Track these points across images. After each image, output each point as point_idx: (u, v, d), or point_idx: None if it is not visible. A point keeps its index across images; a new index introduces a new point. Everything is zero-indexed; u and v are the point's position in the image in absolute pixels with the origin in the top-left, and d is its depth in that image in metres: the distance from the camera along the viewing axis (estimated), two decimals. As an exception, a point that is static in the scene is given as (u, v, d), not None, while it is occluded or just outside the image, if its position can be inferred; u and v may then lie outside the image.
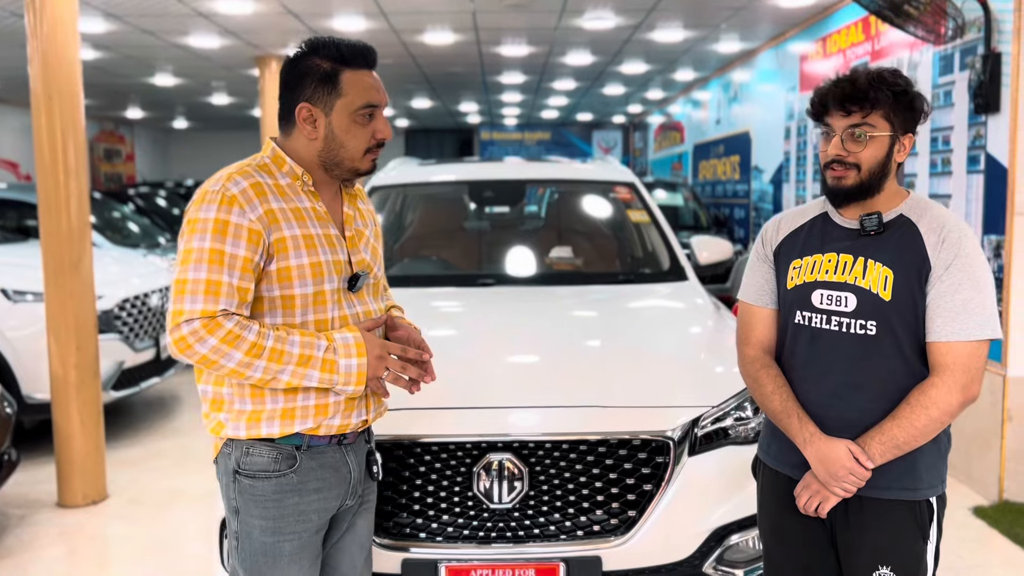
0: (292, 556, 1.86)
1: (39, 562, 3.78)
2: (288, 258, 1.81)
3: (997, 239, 4.40)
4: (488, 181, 4.51)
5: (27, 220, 8.01)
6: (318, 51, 1.85)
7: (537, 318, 3.19)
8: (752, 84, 9.35)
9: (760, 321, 2.07)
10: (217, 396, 1.85)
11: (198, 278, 1.72)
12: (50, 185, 4.27)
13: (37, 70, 4.22)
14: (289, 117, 1.88)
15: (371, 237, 2.06)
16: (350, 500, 1.97)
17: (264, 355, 1.73)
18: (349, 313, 1.91)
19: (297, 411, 1.84)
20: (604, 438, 2.48)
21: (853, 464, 1.84)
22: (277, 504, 1.85)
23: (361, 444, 2.00)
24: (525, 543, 2.45)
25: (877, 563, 1.90)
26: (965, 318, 1.81)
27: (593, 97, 14.19)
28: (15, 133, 13.83)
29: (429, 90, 13.11)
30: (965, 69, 4.70)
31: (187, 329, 1.70)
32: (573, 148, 19.65)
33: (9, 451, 4.10)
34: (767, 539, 2.10)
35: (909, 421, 1.82)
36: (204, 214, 1.76)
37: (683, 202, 10.31)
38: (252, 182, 1.80)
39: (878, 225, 1.89)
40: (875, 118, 1.84)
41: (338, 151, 1.87)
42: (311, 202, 1.89)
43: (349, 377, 1.81)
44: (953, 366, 1.82)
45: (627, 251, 4.28)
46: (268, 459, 1.85)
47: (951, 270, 1.82)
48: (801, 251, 1.99)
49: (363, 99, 1.86)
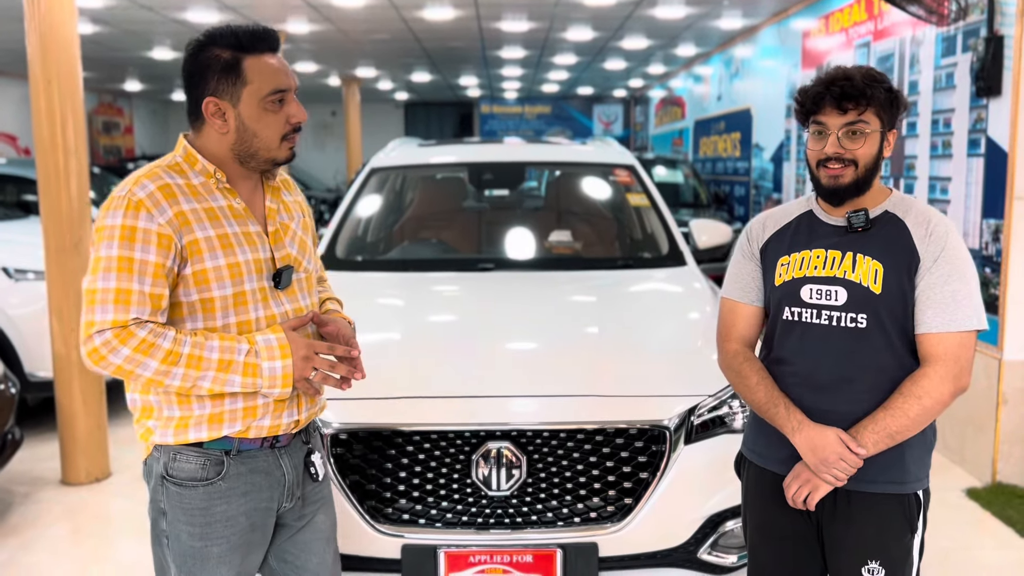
0: (221, 558, 1.83)
1: (44, 539, 3.83)
2: (203, 260, 1.75)
3: (996, 223, 4.40)
4: (488, 163, 4.51)
5: (26, 195, 8.01)
6: (216, 41, 1.77)
7: (536, 306, 3.21)
8: (754, 61, 9.30)
9: (743, 318, 2.10)
10: (146, 404, 1.81)
11: (107, 287, 1.66)
12: (50, 165, 4.27)
13: (36, 51, 4.20)
14: (197, 113, 1.80)
15: (298, 230, 1.97)
16: (287, 503, 1.92)
17: (181, 362, 1.68)
18: (277, 312, 1.85)
19: (225, 415, 1.79)
20: (601, 427, 2.51)
21: (843, 450, 1.84)
22: (204, 512, 1.81)
23: (298, 446, 1.94)
24: (523, 529, 2.49)
25: (866, 558, 1.92)
26: (955, 309, 1.85)
27: (594, 71, 14.10)
28: (13, 106, 13.75)
29: (429, 64, 13.04)
30: (968, 51, 4.68)
31: (99, 340, 1.65)
32: (574, 122, 19.57)
33: (13, 430, 4.14)
34: (753, 537, 2.12)
35: (902, 411, 1.84)
36: (111, 221, 1.70)
37: (683, 179, 10.29)
38: (160, 184, 1.74)
39: (865, 221, 1.92)
40: (869, 115, 1.87)
41: (252, 142, 1.80)
42: (227, 200, 1.82)
43: (274, 380, 1.76)
44: (945, 356, 1.85)
45: (626, 235, 4.29)
46: (196, 465, 1.80)
47: (939, 262, 1.86)
48: (788, 248, 2.01)
49: (270, 85, 1.78)
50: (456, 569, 2.47)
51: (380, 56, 12.12)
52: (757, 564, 2.12)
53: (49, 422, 5.34)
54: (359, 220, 4.19)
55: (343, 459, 2.53)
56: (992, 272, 4.42)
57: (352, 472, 2.53)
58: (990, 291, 4.41)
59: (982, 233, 4.53)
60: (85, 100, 4.45)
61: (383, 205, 4.44)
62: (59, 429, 4.47)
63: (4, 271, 5.18)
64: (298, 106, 1.84)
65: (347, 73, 14.23)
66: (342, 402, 2.58)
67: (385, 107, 20.52)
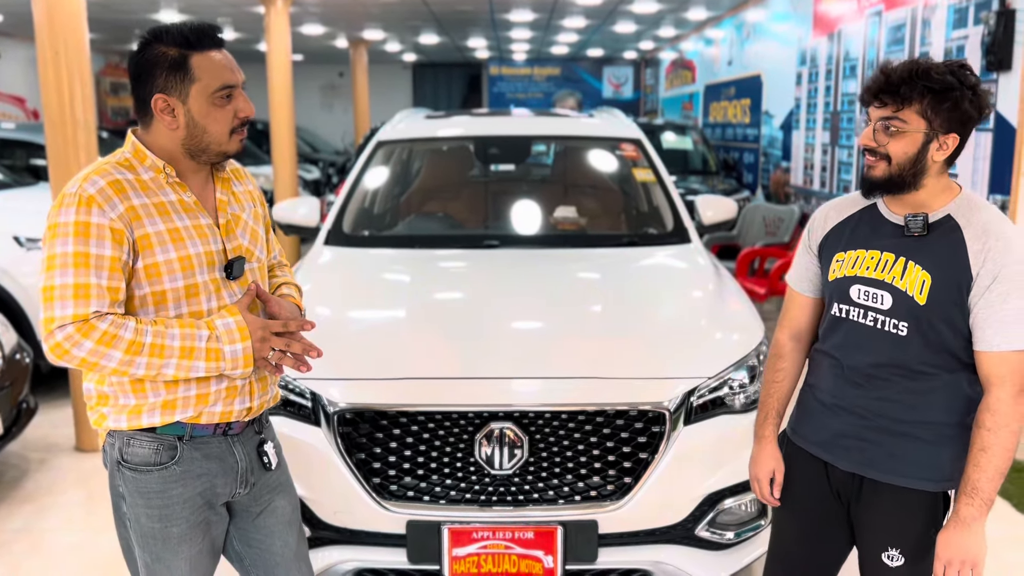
0: (181, 537, 1.89)
1: (58, 506, 3.93)
2: (154, 254, 1.77)
3: (1003, 199, 4.40)
4: (494, 137, 4.51)
5: (36, 160, 8.03)
6: (162, 38, 1.79)
7: (540, 285, 3.24)
8: (765, 26, 9.19)
9: (796, 306, 2.16)
10: (100, 393, 1.84)
11: (65, 283, 1.68)
12: (59, 138, 4.29)
13: (43, 22, 4.20)
14: (145, 109, 1.82)
15: (249, 220, 2.00)
16: (241, 489, 1.96)
17: (144, 351, 1.71)
18: (230, 303, 1.88)
19: (178, 401, 1.83)
20: (602, 409, 2.56)
21: (766, 484, 2.15)
22: (161, 495, 1.86)
23: (250, 435, 1.98)
24: (524, 507, 2.55)
25: (888, 544, 1.97)
26: (1017, 327, 1.80)
27: (604, 34, 13.95)
28: (21, 67, 13.72)
29: (437, 27, 12.92)
30: (979, 24, 4.63)
31: (61, 335, 1.67)
32: (583, 84, 19.39)
33: (28, 398, 4.23)
34: (780, 513, 2.18)
35: (1001, 446, 1.82)
36: (63, 218, 1.71)
37: (692, 145, 10.23)
38: (110, 180, 1.76)
39: (923, 227, 1.88)
40: (908, 114, 1.80)
41: (202, 137, 1.82)
42: (177, 194, 1.84)
43: (236, 362, 1.80)
44: (1011, 375, 1.83)
45: (631, 212, 4.30)
46: (149, 450, 1.84)
47: (999, 280, 1.80)
48: (846, 244, 2.00)
49: (218, 81, 1.80)
50: (459, 545, 2.54)
51: (388, 18, 12.02)
52: (781, 541, 2.19)
53: (62, 389, 5.43)
54: (365, 195, 4.21)
55: (350, 437, 2.58)
56: (997, 248, 4.41)
57: (358, 450, 2.59)
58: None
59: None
60: (92, 61, 4.45)
61: (389, 178, 4.46)
62: (72, 397, 4.55)
63: (15, 240, 5.23)
64: (246, 101, 1.87)
65: (355, 35, 14.11)
66: (348, 382, 2.64)
67: (393, 68, 20.36)
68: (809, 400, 2.09)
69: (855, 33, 6.57)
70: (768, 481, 2.15)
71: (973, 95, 1.79)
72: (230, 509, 2.01)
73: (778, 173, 8.77)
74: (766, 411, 2.17)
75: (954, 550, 1.85)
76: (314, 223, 4.05)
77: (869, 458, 1.96)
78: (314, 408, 2.61)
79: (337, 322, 2.95)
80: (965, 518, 1.84)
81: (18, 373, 4.11)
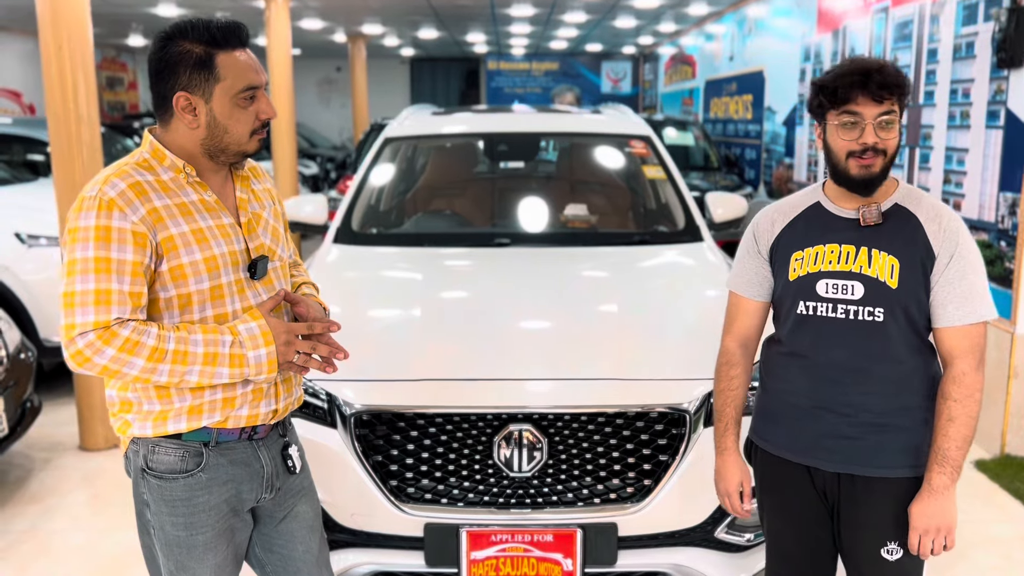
0: (207, 545, 1.86)
1: (63, 507, 3.89)
2: (179, 256, 1.74)
3: (1013, 196, 4.38)
4: (504, 134, 4.47)
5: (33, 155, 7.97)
6: (187, 35, 1.74)
7: (554, 285, 3.21)
8: (768, 21, 9.16)
9: (744, 313, 2.16)
10: (124, 400, 1.81)
11: (87, 289, 1.65)
12: (63, 134, 4.25)
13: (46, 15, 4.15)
14: (166, 107, 1.78)
15: (270, 218, 1.97)
16: (267, 494, 1.94)
17: (167, 358, 1.68)
18: (254, 303, 1.85)
19: (204, 406, 1.80)
20: (622, 410, 2.53)
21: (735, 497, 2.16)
22: (186, 503, 1.83)
23: (275, 439, 1.96)
24: (543, 509, 2.52)
25: (885, 539, 1.98)
26: (974, 301, 1.90)
27: (603, 29, 13.91)
28: (18, 61, 13.62)
29: (436, 21, 12.86)
30: (989, 20, 4.61)
31: (82, 343, 1.64)
32: (582, 79, 19.35)
33: (32, 397, 4.19)
34: (771, 519, 2.16)
35: (967, 414, 1.89)
36: (84, 222, 1.68)
37: (693, 141, 10.19)
38: (131, 182, 1.72)
39: (878, 216, 1.94)
40: (896, 107, 1.89)
41: (223, 137, 1.79)
42: (198, 194, 1.81)
43: (260, 368, 1.77)
44: (972, 348, 1.91)
45: (641, 210, 4.27)
46: (175, 458, 1.81)
47: (956, 258, 1.90)
48: (802, 243, 2.02)
49: (243, 82, 1.76)
50: (478, 548, 2.51)
51: (386, 13, 11.96)
52: (778, 546, 2.16)
53: (65, 387, 5.40)
54: (373, 192, 4.17)
55: (366, 439, 2.55)
56: (1008, 246, 4.40)
57: (375, 452, 2.56)
58: (1005, 265, 4.40)
59: (998, 206, 4.51)
60: (92, 57, 4.41)
61: (397, 175, 4.42)
62: (76, 395, 4.51)
63: (17, 237, 5.18)
64: (268, 102, 1.83)
65: (353, 30, 14.05)
66: (365, 383, 2.60)
67: (391, 63, 20.30)
68: (780, 406, 2.08)
69: (861, 29, 6.54)
70: (738, 494, 2.17)
71: None
72: (254, 515, 1.98)
73: (781, 169, 8.76)
74: (725, 421, 2.17)
75: (929, 518, 1.90)
76: (321, 220, 4.01)
77: (855, 455, 1.97)
78: (330, 410, 2.58)
79: (351, 322, 2.89)
80: (938, 487, 1.90)
81: (22, 372, 4.06)
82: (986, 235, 4.57)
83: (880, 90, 1.85)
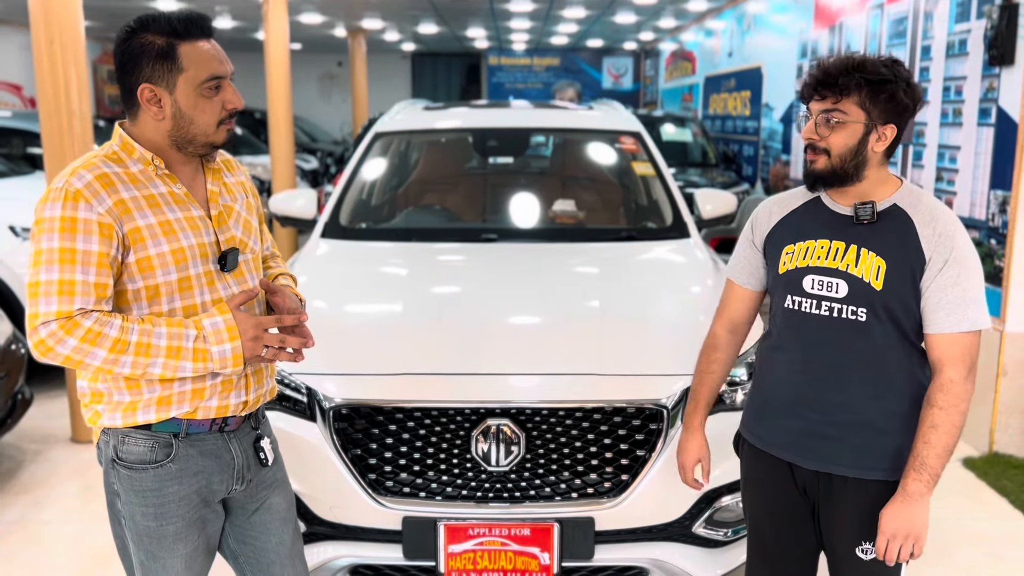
0: (177, 535, 1.87)
1: (54, 498, 3.91)
2: (146, 248, 1.75)
3: (1004, 194, 4.38)
4: (493, 129, 4.48)
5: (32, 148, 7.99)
6: (148, 27, 1.75)
7: (538, 281, 3.22)
8: (766, 18, 9.15)
9: (736, 299, 2.19)
10: (94, 390, 1.82)
11: (51, 279, 1.66)
12: (54, 128, 4.26)
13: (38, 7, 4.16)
14: (132, 99, 1.79)
15: (242, 211, 1.96)
16: (238, 485, 1.95)
17: (130, 350, 1.69)
18: (224, 295, 1.86)
19: (173, 397, 1.81)
20: (599, 406, 2.54)
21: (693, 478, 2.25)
22: (156, 493, 1.84)
23: (247, 431, 1.97)
24: (521, 503, 2.54)
25: (860, 539, 1.98)
26: (966, 309, 1.86)
27: (604, 24, 13.90)
28: (18, 55, 13.63)
29: (436, 16, 12.86)
30: (982, 17, 4.60)
31: (45, 332, 1.66)
32: (583, 74, 19.33)
33: (23, 389, 4.21)
34: (753, 514, 2.18)
35: (951, 423, 1.85)
36: (50, 212, 1.69)
37: (692, 137, 10.18)
38: (98, 174, 1.73)
39: (871, 214, 1.92)
40: (847, 105, 1.86)
41: (189, 128, 1.79)
42: (167, 186, 1.81)
43: (224, 362, 1.77)
44: (962, 356, 1.87)
45: (630, 206, 4.27)
46: (144, 448, 1.82)
47: (950, 264, 1.86)
48: (795, 236, 2.02)
49: (206, 72, 1.77)
50: (455, 541, 2.53)
51: (387, 7, 11.95)
52: (759, 540, 2.17)
53: (57, 379, 5.42)
54: (363, 187, 4.18)
55: (345, 433, 2.57)
56: (997, 244, 4.40)
57: (354, 446, 2.57)
58: (995, 263, 4.40)
59: (989, 204, 4.51)
60: (89, 49, 4.42)
61: (387, 170, 4.43)
62: (68, 388, 4.54)
63: (11, 230, 5.21)
64: (234, 92, 1.84)
65: (353, 24, 14.04)
66: (344, 377, 2.62)
67: (392, 58, 20.28)
68: (766, 401, 2.09)
69: (857, 26, 6.53)
70: (693, 469, 2.25)
71: (907, 87, 1.85)
72: (226, 506, 2.00)
73: (778, 166, 8.75)
74: (696, 400, 2.23)
75: (899, 524, 1.88)
76: (311, 215, 4.02)
77: (833, 454, 1.97)
78: (310, 403, 2.60)
79: (334, 316, 2.93)
80: (912, 493, 1.87)
81: (13, 364, 4.08)
82: (977, 233, 4.57)
83: (819, 87, 1.88)
